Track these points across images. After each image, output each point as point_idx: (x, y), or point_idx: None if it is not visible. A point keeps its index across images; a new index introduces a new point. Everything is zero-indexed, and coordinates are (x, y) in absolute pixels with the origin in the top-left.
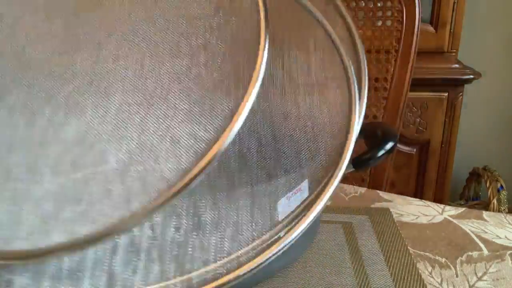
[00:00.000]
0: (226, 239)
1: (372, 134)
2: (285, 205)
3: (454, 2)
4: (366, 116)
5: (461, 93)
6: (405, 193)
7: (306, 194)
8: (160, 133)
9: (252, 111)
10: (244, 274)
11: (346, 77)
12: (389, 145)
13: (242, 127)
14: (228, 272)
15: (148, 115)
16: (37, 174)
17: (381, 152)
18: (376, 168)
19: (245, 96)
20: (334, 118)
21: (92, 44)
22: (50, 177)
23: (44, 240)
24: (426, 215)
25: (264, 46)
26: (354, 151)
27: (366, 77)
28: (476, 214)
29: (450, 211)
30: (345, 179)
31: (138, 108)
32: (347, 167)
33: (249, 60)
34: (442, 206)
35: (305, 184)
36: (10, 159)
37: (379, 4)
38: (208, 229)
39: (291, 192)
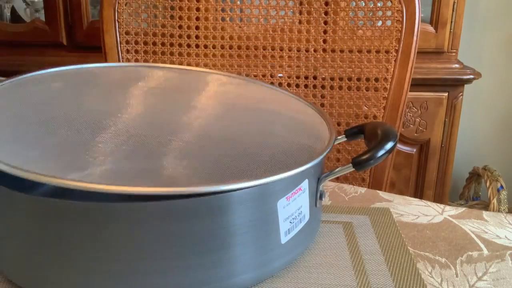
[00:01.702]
0: None
1: (372, 134)
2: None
3: (454, 2)
4: (366, 116)
5: (461, 93)
6: (405, 193)
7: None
8: None
9: None
10: None
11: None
12: (389, 145)
13: None
14: None
15: None
16: None
17: (381, 152)
18: (376, 168)
19: None
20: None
21: None
22: None
23: None
24: (426, 215)
25: None
26: (354, 150)
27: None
28: (476, 214)
29: (450, 211)
30: (345, 179)
31: None
32: (347, 167)
33: None
34: (442, 206)
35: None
36: None
37: (379, 4)
38: None
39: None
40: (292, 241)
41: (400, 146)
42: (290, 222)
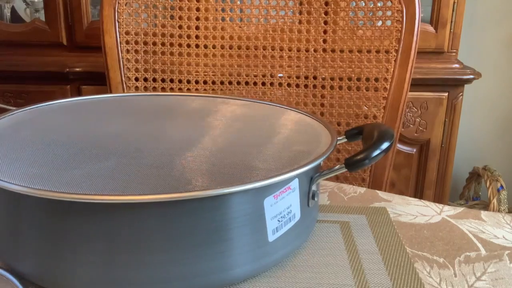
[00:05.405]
0: None
1: (369, 135)
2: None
3: (454, 2)
4: (366, 116)
5: (461, 93)
6: (405, 193)
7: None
8: None
9: None
10: None
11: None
12: (384, 145)
13: None
14: None
15: None
16: None
17: (375, 152)
18: (376, 168)
19: None
20: None
21: None
22: None
23: None
24: (424, 215)
25: None
26: (354, 150)
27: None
28: (474, 214)
29: (448, 211)
30: (345, 179)
31: None
32: (340, 167)
33: None
34: (440, 206)
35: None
36: None
37: (379, 4)
38: None
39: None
40: (281, 240)
41: (400, 146)
42: (278, 221)
